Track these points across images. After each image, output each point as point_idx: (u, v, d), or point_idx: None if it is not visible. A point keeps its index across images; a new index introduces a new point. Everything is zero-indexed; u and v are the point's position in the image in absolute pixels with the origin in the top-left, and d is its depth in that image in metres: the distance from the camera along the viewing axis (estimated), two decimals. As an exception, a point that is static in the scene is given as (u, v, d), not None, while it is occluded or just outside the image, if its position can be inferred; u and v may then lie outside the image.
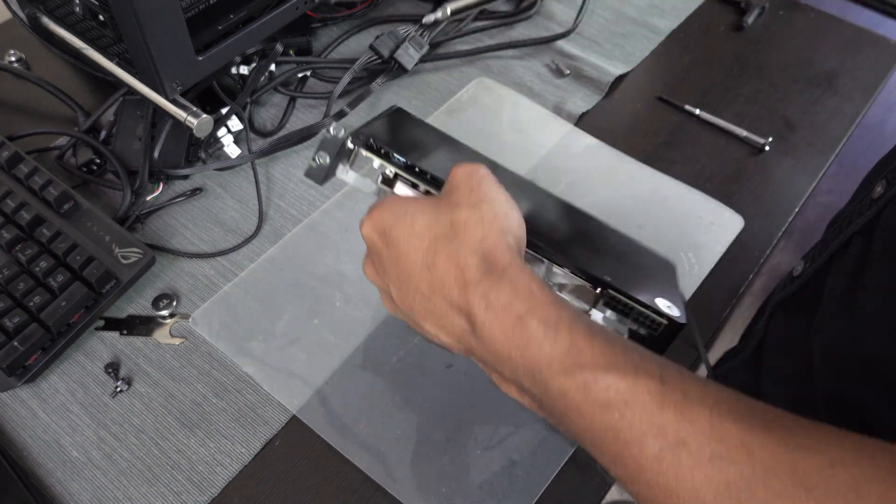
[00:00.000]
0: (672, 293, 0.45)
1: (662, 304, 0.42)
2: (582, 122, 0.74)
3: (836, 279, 0.47)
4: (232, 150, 0.70)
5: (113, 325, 0.59)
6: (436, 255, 0.36)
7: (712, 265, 0.63)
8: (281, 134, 0.73)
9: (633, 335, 0.43)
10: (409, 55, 0.75)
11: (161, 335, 0.59)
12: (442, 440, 0.53)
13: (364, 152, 0.45)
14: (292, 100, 0.75)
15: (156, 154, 0.66)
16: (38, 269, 0.57)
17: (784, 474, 0.27)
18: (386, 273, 0.39)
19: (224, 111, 0.70)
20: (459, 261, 0.35)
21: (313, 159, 0.45)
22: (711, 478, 0.28)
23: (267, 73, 0.74)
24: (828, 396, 0.46)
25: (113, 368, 0.57)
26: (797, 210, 0.69)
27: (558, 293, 0.42)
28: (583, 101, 0.76)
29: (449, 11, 0.64)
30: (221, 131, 0.70)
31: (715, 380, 0.58)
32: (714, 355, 0.62)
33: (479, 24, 0.82)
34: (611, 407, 0.31)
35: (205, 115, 0.63)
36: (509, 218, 0.37)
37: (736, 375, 0.58)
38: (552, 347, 0.32)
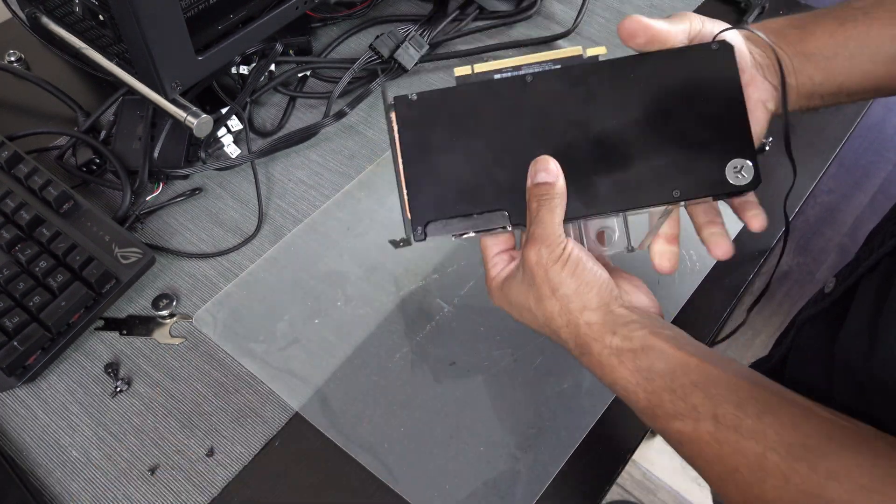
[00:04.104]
0: (734, 141, 0.46)
1: (733, 178, 0.46)
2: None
3: (862, 300, 0.47)
4: (232, 150, 0.70)
5: (113, 325, 0.59)
6: (548, 332, 0.47)
7: (712, 265, 0.63)
8: (281, 134, 0.72)
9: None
10: (409, 55, 0.75)
11: (161, 335, 0.59)
12: (444, 437, 0.53)
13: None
14: (292, 100, 0.75)
15: (156, 154, 0.66)
16: (37, 269, 0.57)
17: (738, 454, 0.38)
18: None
19: (224, 111, 0.70)
20: (561, 341, 0.46)
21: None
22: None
23: (267, 73, 0.74)
24: (845, 413, 0.46)
25: (113, 368, 0.57)
26: (797, 210, 0.69)
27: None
28: (583, 100, 0.76)
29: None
30: (221, 131, 0.70)
31: None
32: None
33: (479, 23, 0.82)
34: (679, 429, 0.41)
35: (204, 115, 0.63)
36: (582, 294, 0.45)
37: None
38: (633, 402, 0.44)
